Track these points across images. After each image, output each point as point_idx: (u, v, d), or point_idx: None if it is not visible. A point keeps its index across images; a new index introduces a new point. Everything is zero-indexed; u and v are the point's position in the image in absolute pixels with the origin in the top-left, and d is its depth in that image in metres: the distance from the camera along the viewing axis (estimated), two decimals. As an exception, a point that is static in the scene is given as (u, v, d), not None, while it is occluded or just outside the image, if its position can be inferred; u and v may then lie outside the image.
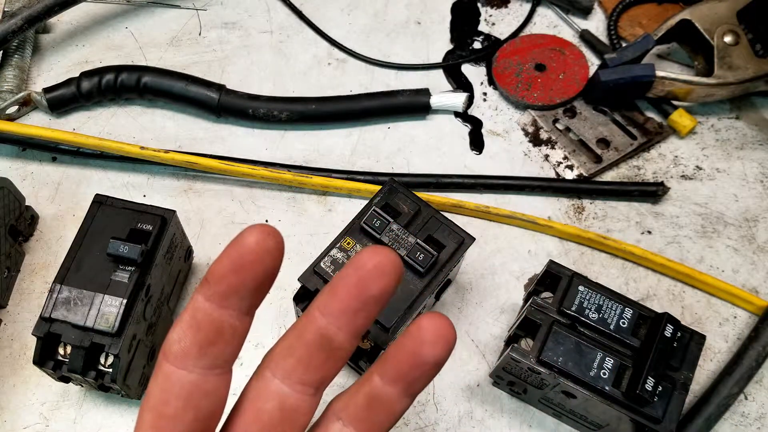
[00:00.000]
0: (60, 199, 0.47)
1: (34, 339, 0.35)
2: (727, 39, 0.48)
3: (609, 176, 0.48)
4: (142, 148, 0.45)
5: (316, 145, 0.50)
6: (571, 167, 0.48)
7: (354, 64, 0.53)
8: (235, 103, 0.49)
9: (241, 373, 0.42)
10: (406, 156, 0.49)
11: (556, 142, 0.49)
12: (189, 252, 0.44)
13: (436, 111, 0.51)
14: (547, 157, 0.49)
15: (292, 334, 0.24)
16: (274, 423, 0.24)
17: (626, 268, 0.45)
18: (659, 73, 0.48)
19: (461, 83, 0.52)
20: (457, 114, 0.51)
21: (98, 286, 0.36)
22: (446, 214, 0.40)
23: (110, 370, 0.36)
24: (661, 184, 0.47)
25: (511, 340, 0.39)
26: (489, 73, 0.53)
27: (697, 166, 0.49)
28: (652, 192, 0.47)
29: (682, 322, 0.37)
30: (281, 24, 0.55)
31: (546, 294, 0.39)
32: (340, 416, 0.24)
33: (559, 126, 0.50)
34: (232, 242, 0.22)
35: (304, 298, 0.38)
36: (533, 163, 0.49)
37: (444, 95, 0.50)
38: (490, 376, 0.41)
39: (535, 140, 0.50)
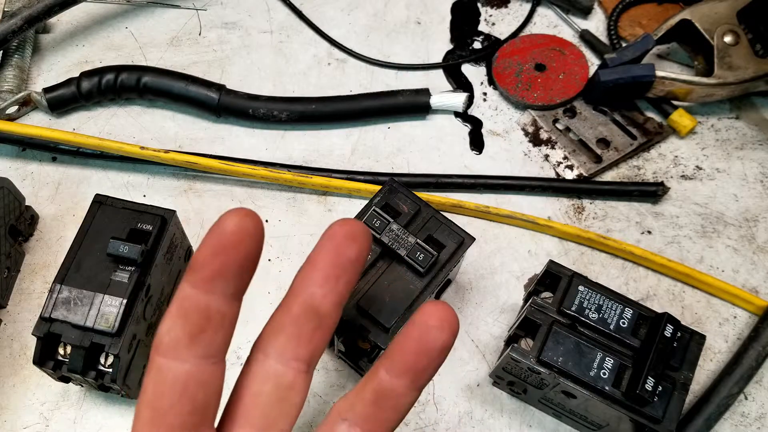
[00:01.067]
0: (60, 199, 0.47)
1: (34, 339, 0.35)
2: (727, 39, 0.48)
3: (609, 176, 0.48)
4: (142, 148, 0.45)
5: (316, 145, 0.50)
6: (571, 167, 0.48)
7: (354, 64, 0.53)
8: (235, 103, 0.49)
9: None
10: (406, 156, 0.49)
11: (556, 142, 0.49)
12: (189, 252, 0.44)
13: (436, 111, 0.51)
14: (547, 157, 0.49)
15: (279, 313, 0.24)
16: (273, 404, 0.24)
17: (626, 268, 0.45)
18: (659, 73, 0.48)
19: (461, 83, 0.52)
20: (457, 114, 0.51)
21: (98, 286, 0.36)
22: (446, 214, 0.40)
23: (110, 370, 0.36)
24: (661, 184, 0.47)
25: (511, 340, 0.39)
26: (489, 73, 0.53)
27: (697, 166, 0.49)
28: (652, 192, 0.47)
29: (682, 322, 0.37)
30: (281, 24, 0.55)
31: (546, 294, 0.39)
32: (345, 417, 0.24)
33: (559, 126, 0.50)
34: (211, 229, 0.22)
35: (304, 298, 0.38)
36: (533, 163, 0.49)
37: (444, 95, 0.50)
38: (490, 376, 0.41)
39: (535, 140, 0.50)
